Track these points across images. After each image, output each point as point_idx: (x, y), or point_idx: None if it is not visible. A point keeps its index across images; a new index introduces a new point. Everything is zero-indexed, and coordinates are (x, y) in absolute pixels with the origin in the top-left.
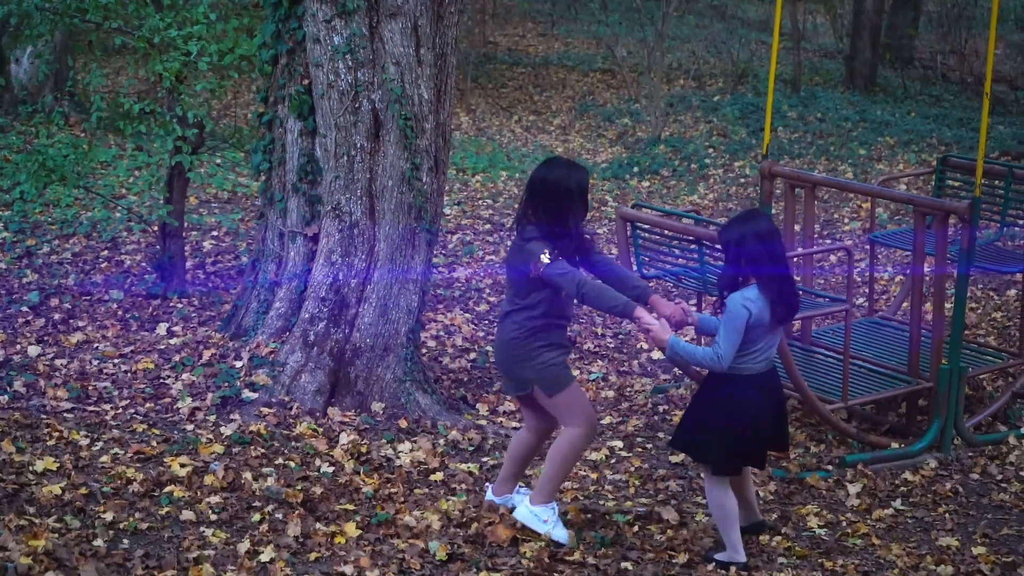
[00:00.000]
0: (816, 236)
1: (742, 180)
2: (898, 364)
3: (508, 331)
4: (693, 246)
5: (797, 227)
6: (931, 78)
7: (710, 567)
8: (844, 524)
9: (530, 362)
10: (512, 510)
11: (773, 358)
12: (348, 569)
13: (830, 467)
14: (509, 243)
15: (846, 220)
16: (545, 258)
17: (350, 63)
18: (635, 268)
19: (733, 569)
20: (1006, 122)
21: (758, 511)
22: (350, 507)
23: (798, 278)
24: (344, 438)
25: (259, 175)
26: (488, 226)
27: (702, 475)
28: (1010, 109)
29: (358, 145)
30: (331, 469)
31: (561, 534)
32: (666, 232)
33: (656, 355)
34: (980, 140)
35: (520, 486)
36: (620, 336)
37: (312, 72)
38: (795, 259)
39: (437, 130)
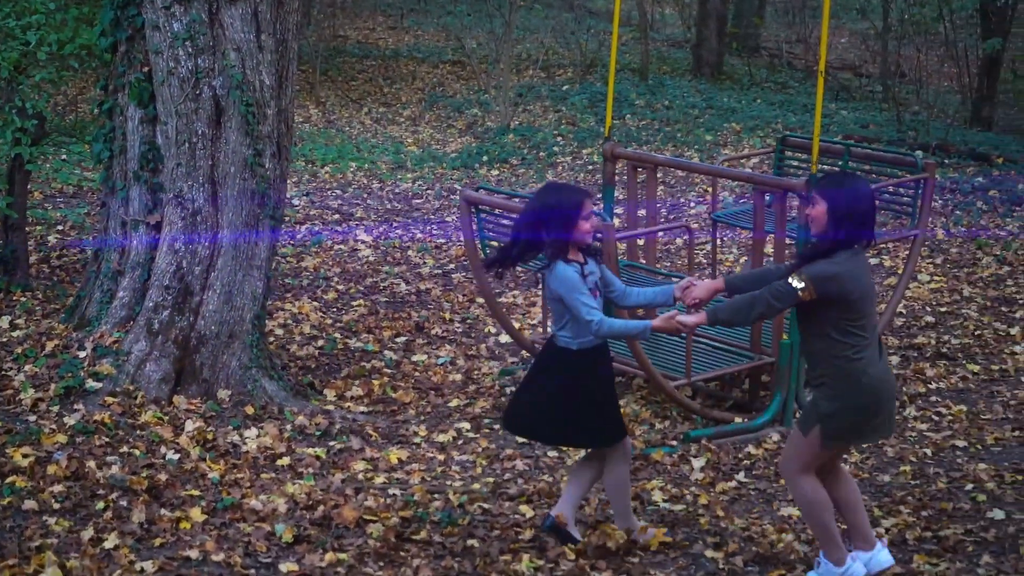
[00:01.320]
0: (663, 220)
1: (590, 167)
2: (740, 340)
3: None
4: None
5: (642, 212)
6: (777, 66)
7: (552, 543)
8: (689, 497)
9: None
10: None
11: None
12: (193, 553)
13: (675, 442)
14: (361, 231)
15: (692, 204)
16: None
17: (190, 50)
18: (480, 251)
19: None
20: (849, 108)
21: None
22: (195, 493)
23: (643, 260)
24: (190, 425)
25: (100, 164)
26: (337, 216)
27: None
28: (854, 95)
29: (199, 132)
30: (176, 456)
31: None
32: (511, 214)
33: (504, 338)
34: (816, 117)
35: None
36: (468, 321)
37: (152, 59)
38: (638, 239)
39: (279, 116)
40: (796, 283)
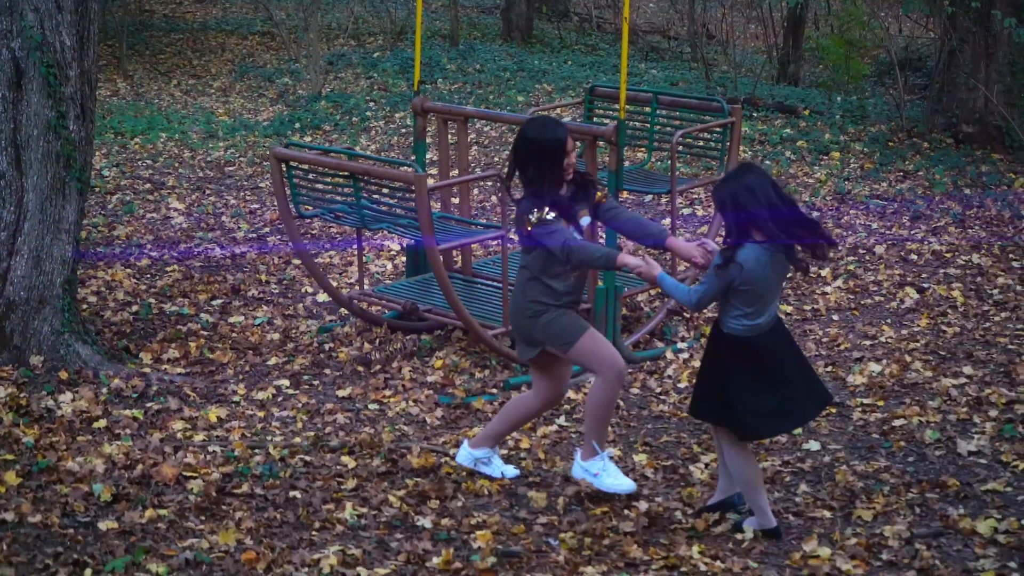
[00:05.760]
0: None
1: (403, 130)
2: None
3: (516, 292)
4: (348, 182)
5: (455, 172)
6: (587, 30)
7: (374, 491)
8: (511, 442)
9: (535, 322)
10: (476, 463)
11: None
12: (9, 516)
13: (495, 390)
14: (173, 199)
15: (507, 161)
16: (533, 218)
17: None
18: (292, 208)
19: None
20: (659, 67)
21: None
22: (10, 457)
23: (455, 211)
24: (2, 392)
25: None
26: (148, 185)
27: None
28: (663, 56)
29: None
30: None
31: (618, 482)
32: (321, 169)
33: (321, 297)
34: (622, 65)
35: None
36: (284, 282)
37: None
38: (451, 188)
39: (82, 78)
40: None
